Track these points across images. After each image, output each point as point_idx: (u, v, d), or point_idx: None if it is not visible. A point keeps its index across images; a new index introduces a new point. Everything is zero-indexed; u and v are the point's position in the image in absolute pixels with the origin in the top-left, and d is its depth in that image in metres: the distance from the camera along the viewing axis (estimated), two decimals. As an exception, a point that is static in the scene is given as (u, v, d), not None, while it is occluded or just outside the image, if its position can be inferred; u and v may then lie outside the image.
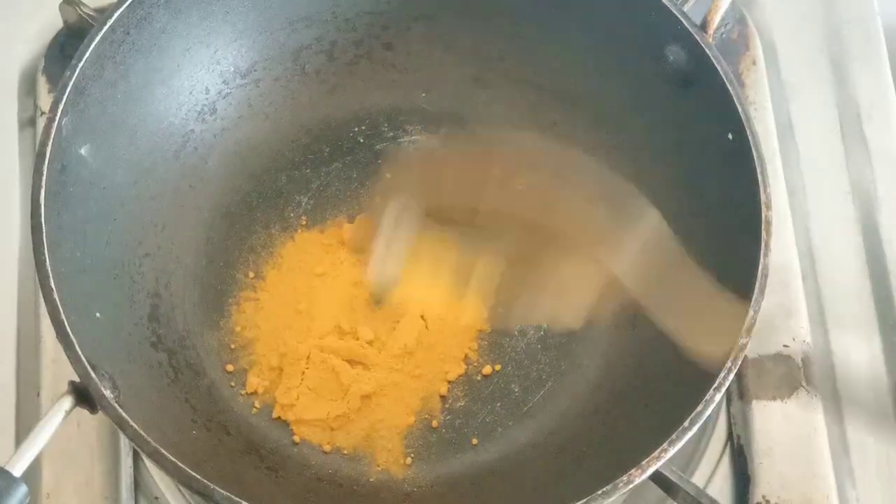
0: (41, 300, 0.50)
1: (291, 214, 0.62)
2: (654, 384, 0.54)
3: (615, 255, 0.44)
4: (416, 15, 0.63)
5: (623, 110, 0.60)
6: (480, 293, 0.52)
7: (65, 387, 0.46)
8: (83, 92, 0.52)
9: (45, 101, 0.65)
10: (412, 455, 0.56)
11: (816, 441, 0.57)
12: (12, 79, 0.66)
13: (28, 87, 0.66)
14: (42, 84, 0.66)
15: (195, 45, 0.59)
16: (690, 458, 0.59)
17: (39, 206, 0.49)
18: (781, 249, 0.62)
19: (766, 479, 0.57)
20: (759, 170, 0.51)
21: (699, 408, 0.47)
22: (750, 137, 0.52)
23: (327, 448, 0.56)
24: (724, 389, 0.47)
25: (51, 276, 0.47)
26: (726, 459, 0.59)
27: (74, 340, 0.46)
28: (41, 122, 0.64)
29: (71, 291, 0.48)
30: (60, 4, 0.63)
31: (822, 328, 0.61)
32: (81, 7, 0.61)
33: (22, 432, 0.57)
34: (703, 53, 0.54)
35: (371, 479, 0.55)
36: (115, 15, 0.53)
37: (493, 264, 0.52)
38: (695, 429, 0.47)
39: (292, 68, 0.63)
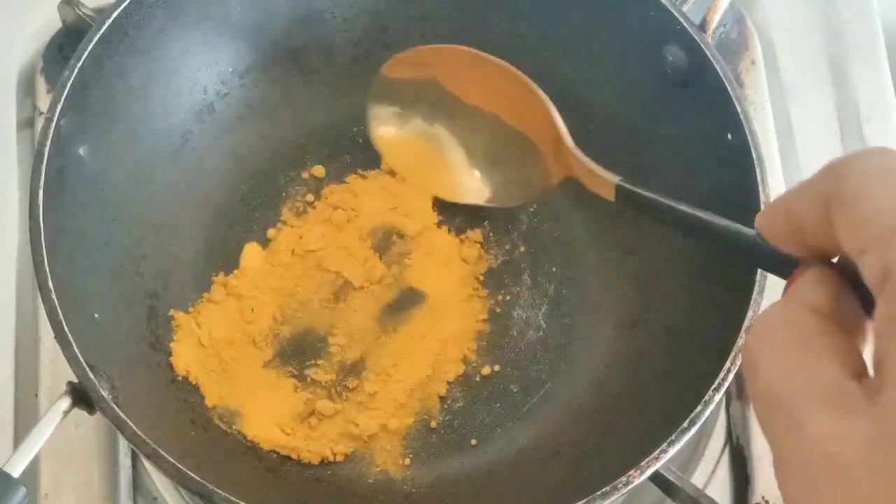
0: (39, 301, 0.50)
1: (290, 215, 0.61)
2: (653, 384, 0.54)
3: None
4: (415, 15, 0.63)
5: (622, 110, 0.60)
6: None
7: (63, 387, 0.46)
8: (82, 92, 0.52)
9: (43, 101, 0.65)
10: (411, 456, 0.56)
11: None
12: (10, 79, 0.66)
13: (26, 88, 0.66)
14: (40, 84, 0.66)
15: (194, 46, 0.59)
16: (690, 458, 0.59)
17: (38, 206, 0.49)
18: (781, 250, 0.62)
19: (765, 480, 0.57)
20: (758, 170, 0.51)
21: (698, 408, 0.47)
22: (749, 137, 0.52)
23: (328, 454, 0.56)
24: (723, 390, 0.47)
25: (49, 276, 0.47)
26: (725, 460, 0.59)
27: (73, 341, 0.46)
28: (39, 123, 0.64)
29: (69, 292, 0.48)
30: (59, 4, 0.63)
31: (822, 328, 0.61)
32: (80, 7, 0.61)
33: (20, 433, 0.57)
34: (702, 53, 0.54)
35: (370, 480, 0.55)
36: (114, 15, 0.53)
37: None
38: (694, 429, 0.46)
39: (291, 69, 0.63)
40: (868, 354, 0.26)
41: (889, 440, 0.23)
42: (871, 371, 0.25)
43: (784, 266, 0.30)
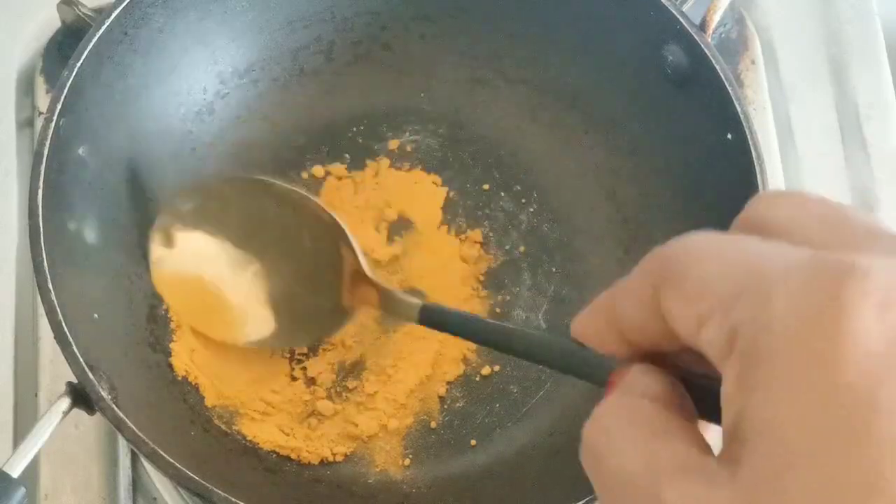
0: (39, 301, 0.50)
1: (290, 215, 0.62)
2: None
3: None
4: (415, 15, 0.63)
5: (621, 110, 0.60)
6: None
7: (62, 387, 0.46)
8: (81, 92, 0.52)
9: (42, 101, 0.65)
10: (411, 456, 0.56)
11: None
12: (10, 79, 0.66)
13: (26, 88, 0.66)
14: (40, 84, 0.66)
15: (193, 46, 0.59)
16: (689, 458, 0.59)
17: (37, 206, 0.48)
18: (781, 250, 0.62)
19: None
20: (758, 170, 0.51)
21: (698, 408, 0.47)
22: (749, 137, 0.52)
23: (328, 454, 0.56)
24: (723, 390, 0.47)
25: (48, 277, 0.47)
26: (725, 460, 0.58)
27: (72, 341, 0.46)
28: (39, 123, 0.64)
29: (69, 293, 0.48)
30: (58, 4, 0.63)
31: (822, 328, 0.61)
32: (80, 7, 0.61)
33: (20, 433, 0.57)
34: (702, 53, 0.54)
35: (370, 481, 0.55)
36: (114, 15, 0.53)
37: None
38: (694, 429, 0.46)
39: (290, 69, 0.63)
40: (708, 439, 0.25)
41: None
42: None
43: (601, 370, 0.29)
